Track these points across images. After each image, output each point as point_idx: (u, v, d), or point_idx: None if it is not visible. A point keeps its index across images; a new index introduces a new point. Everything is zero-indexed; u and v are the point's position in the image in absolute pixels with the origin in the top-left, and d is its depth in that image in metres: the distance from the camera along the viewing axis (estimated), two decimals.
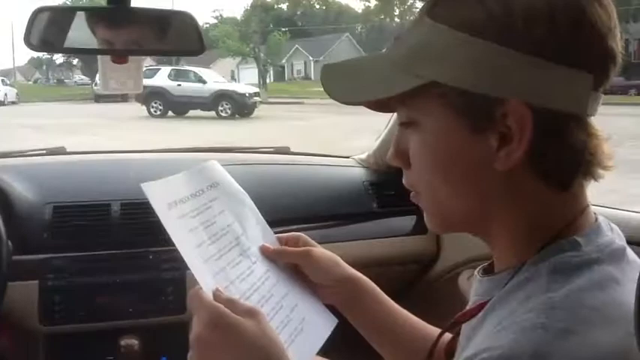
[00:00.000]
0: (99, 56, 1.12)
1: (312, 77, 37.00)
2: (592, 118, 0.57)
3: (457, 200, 0.60)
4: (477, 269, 0.67)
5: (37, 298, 1.30)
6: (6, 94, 22.91)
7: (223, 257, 0.76)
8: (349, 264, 0.86)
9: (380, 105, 0.63)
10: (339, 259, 0.85)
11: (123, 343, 1.34)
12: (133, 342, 1.34)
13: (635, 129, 8.89)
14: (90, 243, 1.37)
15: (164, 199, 0.74)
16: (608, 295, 0.53)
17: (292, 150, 2.05)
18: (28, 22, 0.99)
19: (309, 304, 0.82)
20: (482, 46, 0.54)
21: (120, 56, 1.07)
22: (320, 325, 0.82)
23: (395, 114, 0.68)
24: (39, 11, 1.00)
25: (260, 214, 0.86)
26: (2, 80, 25.17)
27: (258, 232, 0.84)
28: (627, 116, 10.15)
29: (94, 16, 1.07)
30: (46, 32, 1.02)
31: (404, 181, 0.65)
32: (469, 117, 0.56)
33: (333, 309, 0.84)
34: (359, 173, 1.76)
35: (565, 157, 0.55)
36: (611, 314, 0.51)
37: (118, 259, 1.37)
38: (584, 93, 0.54)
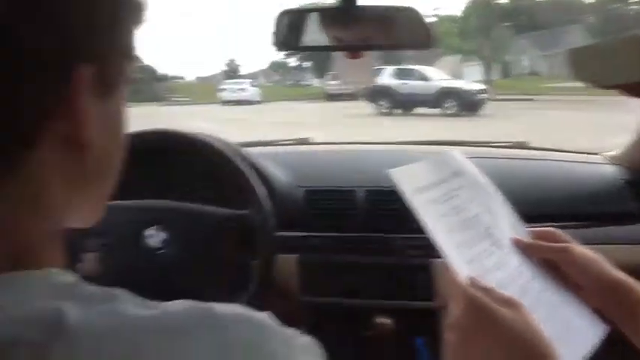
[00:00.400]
0: (335, 55, 1.20)
1: (541, 72, 34.69)
2: None
3: None
4: None
5: (297, 270, 1.42)
6: (253, 94, 25.98)
7: (476, 246, 0.74)
8: None
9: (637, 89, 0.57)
10: (604, 260, 0.77)
11: (378, 321, 1.38)
12: (387, 321, 1.38)
13: None
14: (339, 225, 1.45)
15: (412, 184, 0.74)
16: None
17: (531, 144, 1.96)
18: (275, 24, 1.09)
19: (572, 305, 0.76)
20: None
21: (354, 52, 1.13)
22: (586, 331, 0.75)
23: None
24: (283, 14, 1.10)
25: (509, 206, 0.82)
26: (251, 82, 28.54)
27: (507, 224, 0.80)
28: None
29: (327, 15, 1.14)
30: (288, 32, 1.12)
31: None
32: None
33: (599, 315, 0.76)
34: (612, 171, 1.61)
35: None
36: None
37: (367, 242, 1.43)
38: None
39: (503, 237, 0.78)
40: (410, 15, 1.08)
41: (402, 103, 17.05)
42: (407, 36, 1.11)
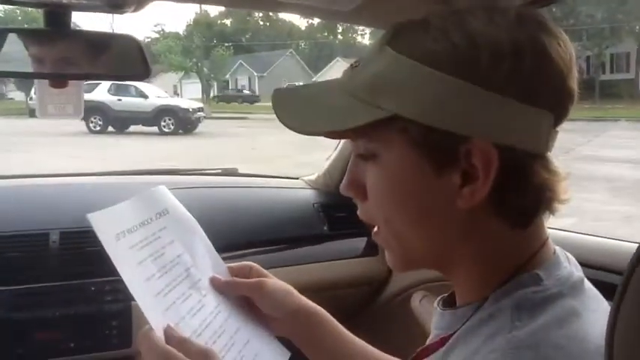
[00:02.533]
0: (36, 80, 1.06)
1: (257, 92, 36.95)
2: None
3: (417, 237, 0.59)
4: (437, 300, 0.66)
5: None
6: None
7: (173, 291, 0.72)
8: (301, 288, 0.83)
9: (337, 134, 0.61)
10: (292, 289, 0.82)
11: None
12: None
13: None
14: (26, 276, 1.29)
15: (112, 229, 0.70)
16: (571, 330, 0.52)
17: (240, 171, 2.02)
18: None
19: (262, 338, 0.79)
20: (447, 81, 0.52)
21: (58, 81, 1.01)
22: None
23: None
24: None
25: (210, 243, 0.82)
26: None
27: (207, 262, 0.80)
28: None
29: (30, 37, 1.01)
30: None
31: (359, 213, 0.63)
32: (431, 154, 0.54)
33: (286, 341, 0.81)
34: (308, 195, 1.75)
35: (528, 195, 0.55)
36: (573, 351, 0.51)
37: (57, 293, 1.29)
38: (545, 131, 0.54)
39: (204, 277, 0.78)
40: (128, 44, 1.01)
41: (116, 121, 16.34)
42: (122, 66, 1.03)
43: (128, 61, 1.02)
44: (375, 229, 0.63)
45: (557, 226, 1.31)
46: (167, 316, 0.69)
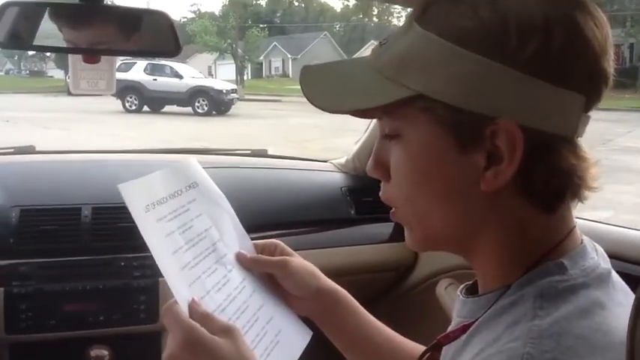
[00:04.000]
0: (69, 55, 1.08)
1: (290, 75, 36.92)
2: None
3: (438, 219, 0.58)
4: (460, 288, 0.65)
5: (3, 305, 1.25)
6: None
7: (199, 265, 0.73)
8: (326, 271, 0.83)
9: (362, 113, 0.60)
10: (316, 270, 0.82)
11: (93, 353, 1.29)
12: (103, 352, 1.30)
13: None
14: (58, 248, 1.32)
15: (141, 200, 0.70)
16: (595, 322, 0.51)
17: (270, 152, 2.03)
18: None
19: (285, 315, 0.80)
20: (473, 59, 0.51)
21: (90, 56, 1.02)
22: (295, 338, 0.80)
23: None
24: (7, 5, 0.94)
25: (237, 219, 0.82)
26: None
27: (234, 238, 0.81)
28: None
29: (65, 12, 1.01)
30: (15, 27, 0.96)
31: (381, 194, 0.62)
32: (456, 134, 0.53)
33: (308, 321, 0.82)
34: (337, 178, 1.74)
35: (554, 179, 0.53)
36: (598, 343, 0.50)
37: (87, 266, 1.32)
38: (575, 115, 0.53)
39: (230, 252, 0.79)
40: (159, 20, 1.01)
41: (152, 100, 16.51)
42: (152, 42, 1.03)
43: (159, 37, 1.02)
44: (394, 209, 0.62)
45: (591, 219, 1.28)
46: (192, 290, 0.69)
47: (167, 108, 16.57)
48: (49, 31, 0.99)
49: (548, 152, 0.52)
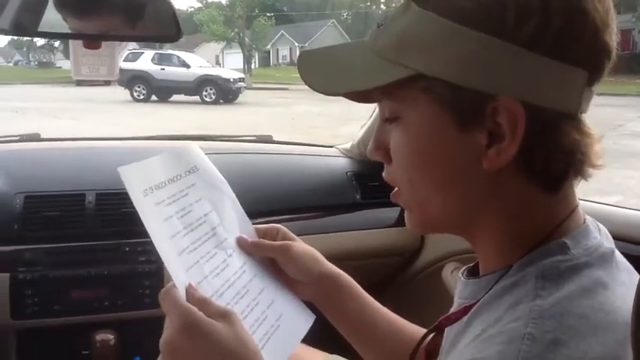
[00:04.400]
0: (70, 41, 1.07)
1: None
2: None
3: (440, 199, 0.57)
4: (461, 270, 0.64)
5: (8, 291, 1.26)
6: None
7: (198, 249, 0.73)
8: (330, 256, 0.83)
9: (362, 96, 0.59)
10: (318, 254, 0.82)
11: (98, 337, 1.30)
12: (109, 337, 1.31)
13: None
14: (63, 234, 1.32)
15: (140, 184, 0.70)
16: (597, 301, 0.50)
17: (275, 138, 2.02)
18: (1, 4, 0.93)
19: (286, 300, 0.80)
20: (473, 37, 0.50)
21: (91, 41, 1.02)
22: (297, 323, 0.79)
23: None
24: None
25: (238, 203, 0.82)
26: None
27: (235, 222, 0.80)
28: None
29: (69, 1, 1.01)
30: (19, 15, 0.96)
31: (384, 175, 0.62)
32: (456, 112, 0.52)
33: (310, 305, 0.82)
34: (343, 163, 1.74)
35: (557, 157, 0.52)
36: (601, 323, 0.49)
37: (92, 252, 1.33)
38: (578, 90, 0.51)
39: (230, 236, 0.78)
40: (160, 6, 1.00)
41: (160, 90, 16.55)
42: (154, 27, 1.04)
43: (160, 22, 1.02)
44: (396, 189, 0.62)
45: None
46: (190, 275, 0.69)
47: (175, 97, 16.60)
48: (53, 20, 0.99)
49: (552, 128, 0.51)
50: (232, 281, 0.74)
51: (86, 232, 1.34)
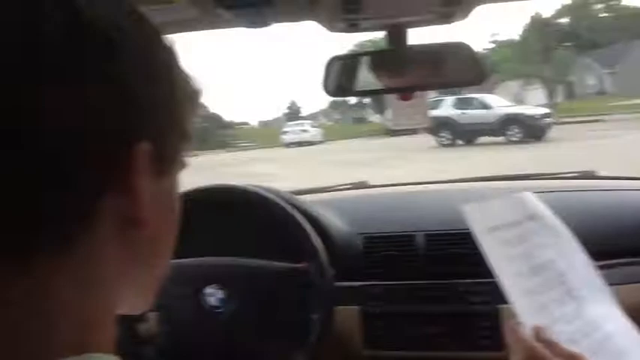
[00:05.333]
0: (388, 96, 1.19)
1: (609, 91, 33.38)
2: None
3: None
4: None
5: (360, 323, 1.38)
6: (314, 135, 26.36)
7: (546, 293, 0.72)
8: None
9: None
10: None
11: None
12: None
13: None
14: (399, 272, 1.42)
15: (484, 222, 0.74)
16: None
17: (599, 174, 1.88)
18: (325, 70, 1.10)
19: None
20: None
21: (405, 94, 1.12)
22: None
23: None
24: (333, 60, 1.11)
25: (585, 253, 0.79)
26: (311, 123, 28.95)
27: (584, 272, 0.77)
28: None
29: (377, 58, 1.13)
30: (340, 78, 1.12)
31: None
32: None
33: None
34: None
35: None
36: None
37: (428, 290, 1.38)
38: None
39: (582, 287, 0.75)
40: (461, 52, 1.07)
41: (463, 134, 16.77)
42: (459, 73, 1.10)
43: (463, 67, 1.07)
44: None
45: None
46: (539, 317, 0.69)
47: (480, 139, 16.60)
48: (367, 79, 1.12)
49: None
50: (587, 332, 0.71)
51: (418, 271, 1.41)
